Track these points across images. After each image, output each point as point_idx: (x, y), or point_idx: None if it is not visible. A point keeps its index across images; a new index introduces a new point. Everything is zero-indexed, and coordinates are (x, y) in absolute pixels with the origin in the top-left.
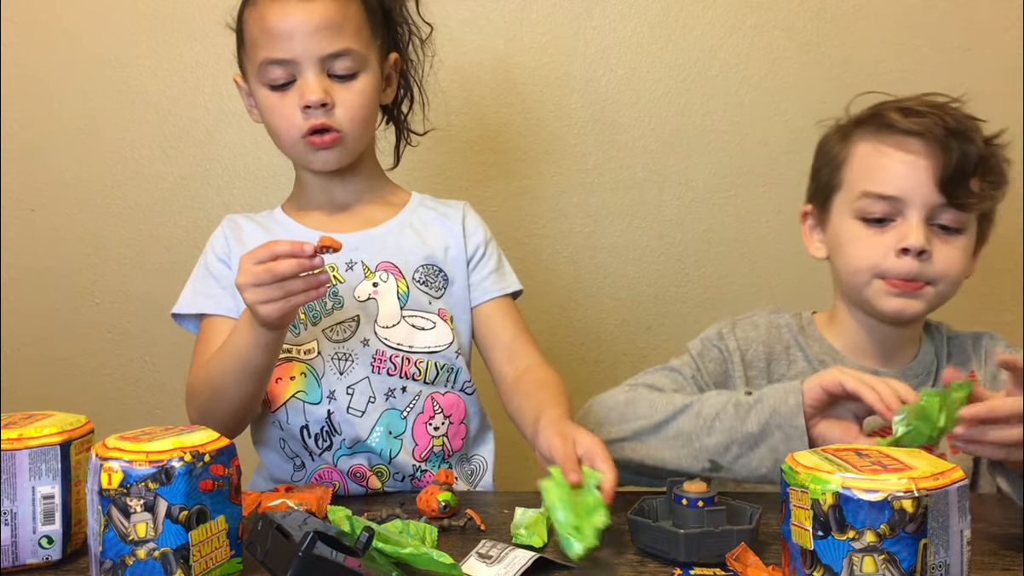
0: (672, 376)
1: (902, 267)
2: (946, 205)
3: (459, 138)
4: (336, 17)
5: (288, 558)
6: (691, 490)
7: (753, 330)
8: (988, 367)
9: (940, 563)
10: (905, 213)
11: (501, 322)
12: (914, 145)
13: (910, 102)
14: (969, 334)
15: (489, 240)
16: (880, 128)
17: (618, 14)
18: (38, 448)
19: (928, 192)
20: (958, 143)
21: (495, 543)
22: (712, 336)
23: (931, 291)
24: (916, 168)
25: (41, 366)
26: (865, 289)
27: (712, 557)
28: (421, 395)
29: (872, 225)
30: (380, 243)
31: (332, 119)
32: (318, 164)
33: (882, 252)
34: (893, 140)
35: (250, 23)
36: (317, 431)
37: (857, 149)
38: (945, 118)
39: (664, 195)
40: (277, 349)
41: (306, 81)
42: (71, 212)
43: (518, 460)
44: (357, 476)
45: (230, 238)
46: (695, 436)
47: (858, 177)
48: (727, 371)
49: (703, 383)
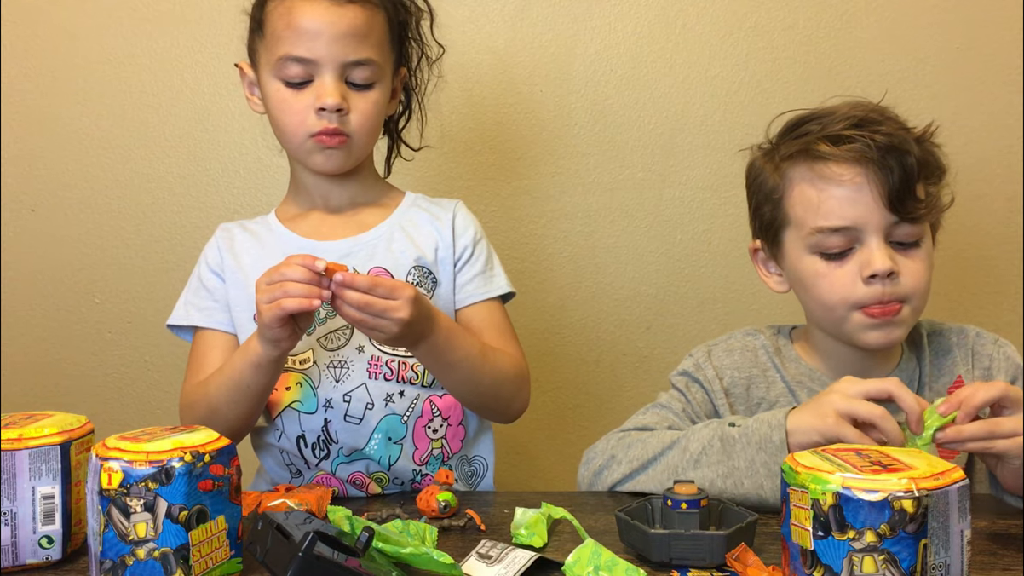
0: (663, 413)
1: (874, 293)
2: (899, 222)
3: (459, 138)
4: (363, 27)
5: (288, 558)
6: (681, 492)
7: (728, 356)
8: (978, 365)
9: (940, 563)
10: (863, 239)
11: (479, 328)
12: (852, 172)
13: (836, 126)
14: (953, 329)
15: (478, 240)
16: (813, 160)
17: (618, 14)
18: (38, 448)
19: (879, 214)
20: (895, 159)
21: (495, 543)
22: (689, 368)
23: (907, 311)
24: (861, 194)
25: (41, 366)
26: (844, 324)
27: (698, 560)
28: (420, 398)
29: (832, 259)
30: (371, 248)
31: (344, 124)
32: (321, 164)
33: (850, 282)
34: (830, 171)
35: (275, 16)
36: (313, 440)
37: (795, 185)
38: (875, 136)
39: (664, 195)
40: (276, 372)
41: (324, 84)
42: (71, 212)
43: (519, 460)
44: (356, 483)
45: (223, 249)
46: (681, 470)
47: (804, 213)
48: (711, 400)
49: (694, 415)
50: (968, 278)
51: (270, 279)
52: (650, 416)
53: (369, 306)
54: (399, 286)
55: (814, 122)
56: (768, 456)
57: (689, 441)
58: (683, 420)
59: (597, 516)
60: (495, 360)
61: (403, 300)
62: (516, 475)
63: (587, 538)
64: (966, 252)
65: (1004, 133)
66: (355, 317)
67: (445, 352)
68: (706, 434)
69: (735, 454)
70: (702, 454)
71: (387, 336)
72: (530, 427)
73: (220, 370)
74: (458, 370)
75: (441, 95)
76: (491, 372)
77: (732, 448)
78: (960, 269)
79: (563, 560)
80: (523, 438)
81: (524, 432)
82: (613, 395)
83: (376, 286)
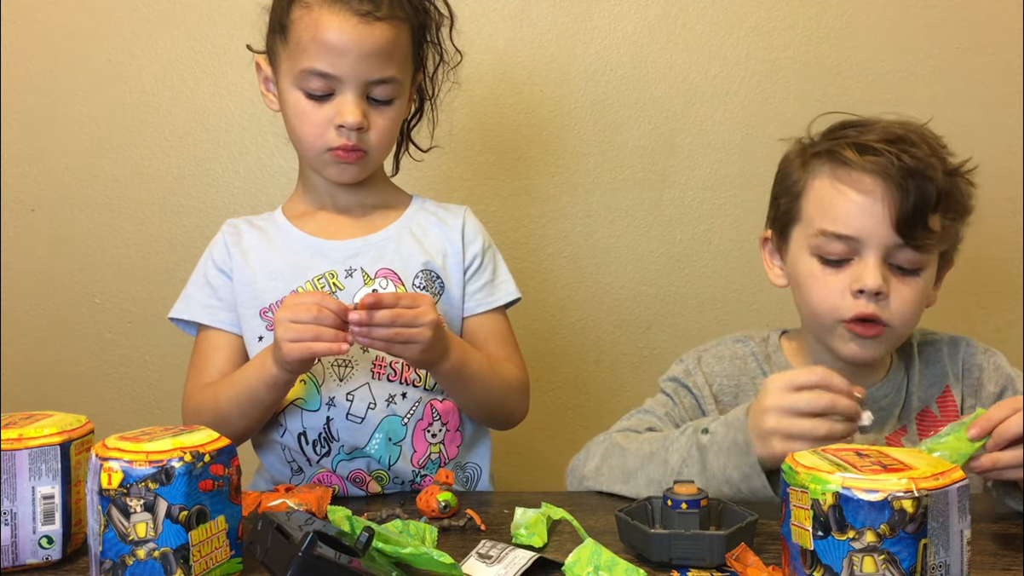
0: (647, 418)
1: (857, 307)
2: (903, 246)
3: (459, 138)
4: (389, 45)
5: (288, 558)
6: (681, 492)
7: (718, 363)
8: (968, 379)
9: (940, 563)
10: (862, 253)
11: (485, 337)
12: (869, 184)
13: (870, 135)
14: (945, 339)
15: (487, 248)
16: (836, 164)
17: (618, 14)
18: (38, 448)
19: (884, 233)
20: (915, 183)
21: (495, 543)
22: (679, 374)
23: (888, 333)
24: (872, 208)
25: (41, 366)
26: (827, 334)
27: (698, 560)
28: (421, 402)
29: (829, 265)
30: (380, 250)
31: (363, 141)
32: (335, 175)
33: (839, 292)
34: (849, 178)
35: (300, 25)
36: (315, 438)
37: (815, 182)
38: (902, 156)
39: (664, 195)
40: (287, 389)
41: (346, 101)
42: (71, 212)
43: (519, 460)
44: (357, 481)
45: (230, 245)
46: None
47: (815, 212)
48: (699, 406)
49: (678, 418)
50: (968, 278)
51: (295, 317)
52: (634, 421)
53: (400, 316)
54: (417, 295)
55: (854, 128)
56: (739, 458)
57: (669, 453)
58: (665, 424)
59: (597, 516)
60: (503, 372)
61: (427, 305)
62: (516, 475)
63: (587, 538)
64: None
65: (1004, 133)
66: (386, 334)
67: (464, 366)
68: (683, 443)
69: (708, 462)
70: (683, 466)
71: (421, 345)
72: (530, 427)
73: (230, 382)
74: (474, 384)
75: (443, 95)
76: (500, 385)
77: (706, 456)
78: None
79: (563, 560)
80: (523, 438)
81: (524, 432)
82: (613, 395)
83: (400, 297)
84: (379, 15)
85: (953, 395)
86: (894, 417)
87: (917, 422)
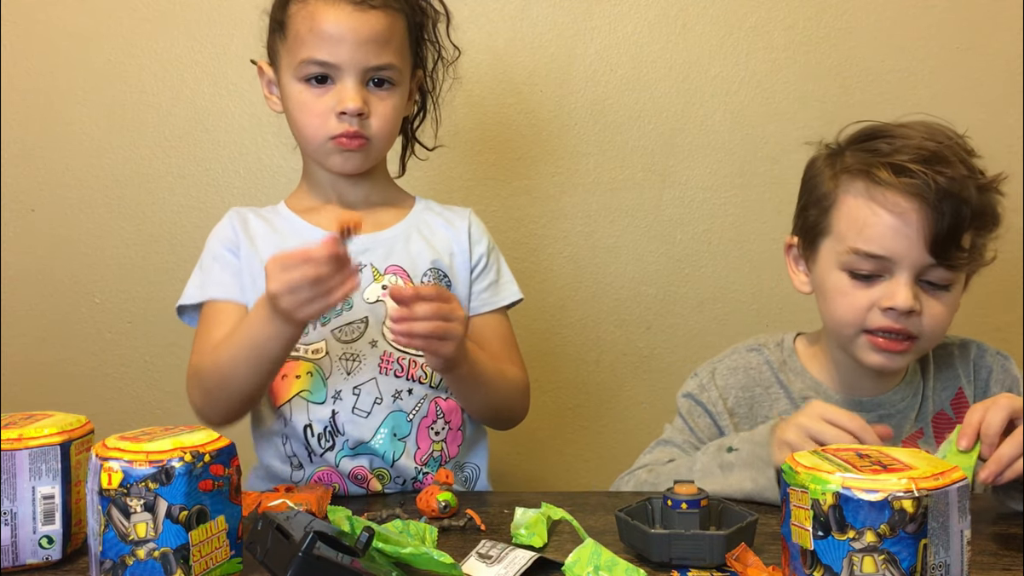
0: (668, 449)
1: (887, 322)
2: (935, 265)
3: (459, 138)
4: (386, 32)
5: (288, 558)
6: (681, 492)
7: (732, 376)
8: (977, 377)
9: (940, 563)
10: (893, 271)
11: (488, 337)
12: (904, 205)
13: (903, 155)
14: (956, 342)
15: (492, 249)
16: (871, 183)
17: (618, 14)
18: (38, 448)
19: (918, 254)
20: (950, 204)
21: (495, 543)
22: (694, 390)
23: (917, 346)
24: (907, 228)
25: (41, 366)
26: (850, 344)
27: (698, 560)
28: (426, 399)
29: (859, 280)
30: (389, 246)
31: (365, 128)
32: (339, 165)
33: (867, 307)
34: (883, 198)
35: (298, 19)
36: (320, 431)
37: (847, 199)
38: (938, 179)
39: (664, 195)
40: (295, 341)
41: (346, 88)
42: (71, 212)
43: (519, 460)
44: (358, 478)
45: (238, 229)
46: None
47: (847, 230)
48: (715, 422)
49: (697, 442)
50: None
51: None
52: (656, 454)
53: (439, 310)
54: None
55: (885, 140)
56: (756, 471)
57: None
58: (686, 454)
59: (597, 516)
60: (507, 374)
61: (456, 301)
62: (516, 475)
63: (587, 538)
64: None
65: (1004, 133)
66: (427, 328)
67: (478, 368)
68: (705, 461)
69: (732, 477)
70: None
71: (456, 341)
72: (530, 427)
73: (232, 340)
74: (484, 386)
75: (444, 92)
76: (505, 386)
77: (730, 472)
78: None
79: (563, 560)
80: (523, 438)
81: (524, 432)
82: (613, 395)
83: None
84: (374, 3)
85: (966, 397)
86: (911, 420)
87: (933, 425)
